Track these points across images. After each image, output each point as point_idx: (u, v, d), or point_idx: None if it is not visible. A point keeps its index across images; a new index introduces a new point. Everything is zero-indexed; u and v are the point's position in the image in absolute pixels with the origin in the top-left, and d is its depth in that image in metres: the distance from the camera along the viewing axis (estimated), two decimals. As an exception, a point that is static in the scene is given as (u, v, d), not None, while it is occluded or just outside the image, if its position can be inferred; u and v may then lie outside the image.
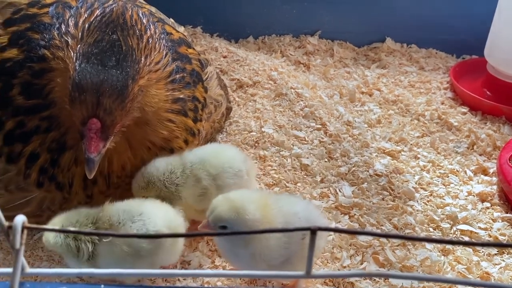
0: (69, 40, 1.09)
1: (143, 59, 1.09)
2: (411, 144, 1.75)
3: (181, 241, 1.18)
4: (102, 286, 0.76)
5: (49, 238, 1.07)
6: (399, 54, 2.30)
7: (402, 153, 1.71)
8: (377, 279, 1.28)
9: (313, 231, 0.65)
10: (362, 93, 2.07)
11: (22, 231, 0.70)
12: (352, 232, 0.72)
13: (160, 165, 1.24)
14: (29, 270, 0.76)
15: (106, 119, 1.03)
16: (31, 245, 1.33)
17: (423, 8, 2.22)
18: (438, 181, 1.60)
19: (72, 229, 0.70)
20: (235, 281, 1.27)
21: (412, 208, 1.48)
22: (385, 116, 1.91)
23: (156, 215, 1.12)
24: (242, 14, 2.32)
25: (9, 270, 0.71)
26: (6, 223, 0.72)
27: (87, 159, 1.04)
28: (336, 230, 0.66)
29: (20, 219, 0.70)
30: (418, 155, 1.70)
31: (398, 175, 1.59)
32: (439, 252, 1.37)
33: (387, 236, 0.61)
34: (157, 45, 1.16)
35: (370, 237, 1.38)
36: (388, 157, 1.67)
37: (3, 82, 1.20)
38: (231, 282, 1.26)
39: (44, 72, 1.17)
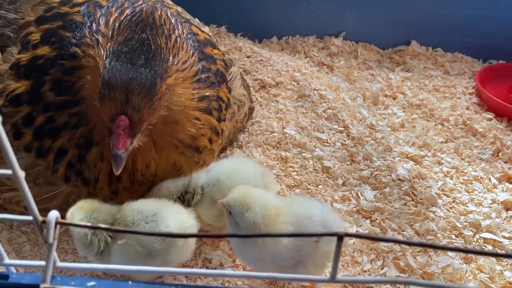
0: (100, 39, 1.11)
1: (171, 58, 1.10)
2: (435, 149, 1.73)
3: (192, 240, 1.19)
4: (130, 282, 0.78)
5: (74, 217, 1.11)
6: (424, 57, 2.27)
7: (426, 158, 1.69)
8: (398, 284, 1.27)
9: (340, 236, 0.66)
10: (386, 96, 2.05)
11: (55, 226, 0.73)
12: (377, 239, 0.72)
13: (171, 187, 1.27)
14: (59, 264, 0.78)
15: (134, 116, 1.04)
16: (59, 236, 1.35)
17: (450, 11, 2.20)
18: (462, 188, 1.58)
19: (102, 226, 0.71)
20: (255, 281, 1.28)
21: (434, 214, 1.47)
22: (408, 120, 1.89)
23: (169, 216, 1.13)
24: (267, 14, 2.33)
25: (42, 263, 0.73)
26: (40, 218, 0.74)
27: (114, 155, 1.06)
28: (362, 237, 0.66)
29: (54, 215, 0.72)
30: (442, 161, 1.68)
31: (421, 180, 1.58)
32: (461, 259, 1.35)
33: (409, 243, 0.61)
34: (184, 44, 1.18)
35: (391, 242, 1.38)
36: (411, 162, 1.65)
37: (35, 78, 1.22)
38: (251, 282, 1.27)
39: (74, 70, 1.19)
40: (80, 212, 1.12)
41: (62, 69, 1.20)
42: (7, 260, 0.78)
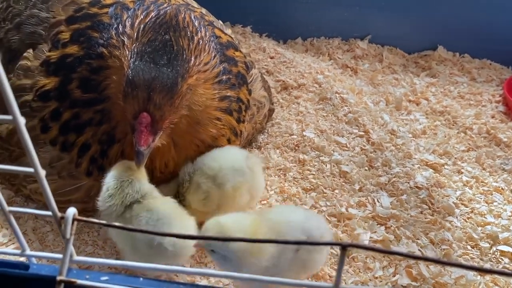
0: (125, 40, 1.15)
1: (193, 59, 1.14)
2: (456, 158, 1.71)
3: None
4: (141, 279, 0.82)
5: (112, 169, 1.18)
6: (451, 63, 2.24)
7: (445, 166, 1.67)
8: (408, 293, 1.28)
9: (344, 246, 0.68)
10: (409, 101, 2.03)
11: (73, 222, 0.77)
12: (380, 251, 0.73)
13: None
14: (76, 258, 0.82)
15: (156, 113, 1.08)
16: (78, 229, 1.41)
17: (479, 17, 2.15)
18: (481, 198, 1.56)
19: (116, 224, 0.75)
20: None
21: (450, 224, 1.46)
22: (431, 127, 1.88)
23: (173, 223, 1.14)
24: (292, 16, 2.33)
25: (59, 256, 0.77)
26: (59, 214, 0.78)
27: (137, 151, 1.10)
28: (364, 247, 0.68)
29: (72, 212, 0.76)
30: (462, 170, 1.67)
31: (439, 189, 1.56)
32: (476, 271, 1.34)
33: (418, 258, 0.62)
34: (206, 46, 1.21)
35: (404, 250, 1.37)
36: (431, 170, 1.64)
37: (63, 76, 1.28)
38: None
39: (101, 69, 1.24)
40: (119, 169, 1.19)
41: (89, 68, 1.25)
42: (28, 251, 0.83)
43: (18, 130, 0.66)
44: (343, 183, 1.59)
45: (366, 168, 1.65)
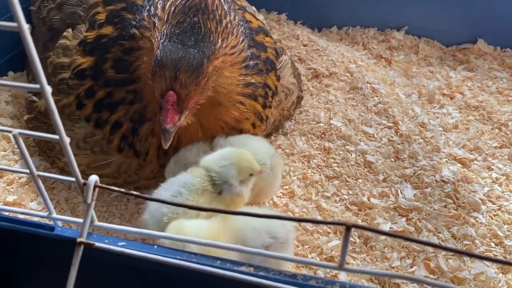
0: (156, 22, 1.20)
1: (220, 41, 1.17)
2: (486, 154, 1.67)
3: None
4: (155, 246, 0.86)
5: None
6: (491, 57, 2.16)
7: (475, 162, 1.64)
8: (424, 284, 1.27)
9: (348, 227, 0.69)
10: (443, 95, 1.99)
11: (94, 189, 0.82)
12: (383, 233, 0.74)
13: (192, 148, 1.31)
14: (96, 223, 0.88)
15: (182, 92, 1.12)
16: (108, 202, 1.48)
17: (524, 10, 2.08)
18: (510, 196, 1.52)
19: (134, 192, 0.79)
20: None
21: (475, 220, 1.43)
22: (463, 121, 1.83)
23: None
24: (328, 4, 2.32)
25: (80, 220, 0.83)
26: (82, 180, 0.84)
27: (163, 129, 1.14)
28: (368, 229, 0.69)
29: (93, 179, 0.82)
30: (492, 166, 1.62)
31: (466, 184, 1.53)
32: (498, 269, 1.32)
33: (428, 244, 0.63)
34: (235, 30, 1.23)
35: (398, 239, 1.36)
36: (459, 165, 1.61)
37: (98, 55, 1.34)
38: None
39: (133, 50, 1.29)
40: None
41: (122, 48, 1.31)
42: (54, 214, 0.89)
43: (44, 98, 0.70)
44: (367, 173, 1.58)
45: (392, 160, 1.63)
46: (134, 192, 0.81)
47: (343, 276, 1.26)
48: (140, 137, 1.35)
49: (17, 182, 1.49)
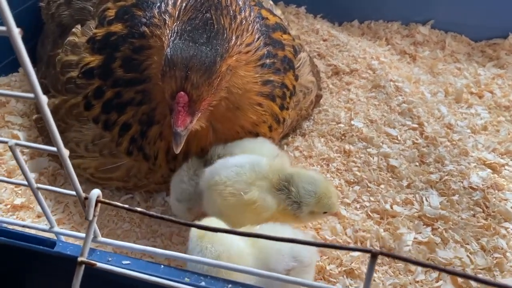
0: (167, 19, 1.13)
1: (234, 38, 1.09)
2: (519, 159, 1.56)
3: None
4: (162, 266, 0.80)
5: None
6: (523, 53, 2.04)
7: (506, 167, 1.53)
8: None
9: (374, 254, 0.62)
10: (471, 93, 1.88)
11: (96, 204, 0.76)
12: (413, 262, 0.67)
13: (183, 177, 1.25)
14: (100, 239, 0.82)
15: (193, 93, 1.04)
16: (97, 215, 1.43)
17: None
18: (545, 205, 1.42)
19: (138, 209, 0.73)
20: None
21: (506, 231, 1.34)
22: (493, 122, 1.72)
23: None
24: (351, -4, 2.22)
25: (82, 235, 0.77)
26: (83, 195, 0.78)
27: (174, 133, 1.07)
28: (396, 257, 0.61)
29: (95, 193, 0.75)
30: (525, 172, 1.52)
31: (496, 191, 1.43)
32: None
33: (455, 274, 0.56)
34: (250, 27, 1.16)
35: (451, 254, 1.28)
36: (488, 170, 1.51)
37: (107, 54, 1.28)
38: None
39: (143, 49, 1.22)
40: None
41: (131, 47, 1.24)
42: (55, 228, 0.84)
43: (40, 108, 0.64)
44: (390, 178, 1.49)
45: (417, 164, 1.54)
46: (139, 209, 0.75)
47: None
48: (149, 140, 1.29)
49: (25, 184, 1.45)
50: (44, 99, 0.64)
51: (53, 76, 1.42)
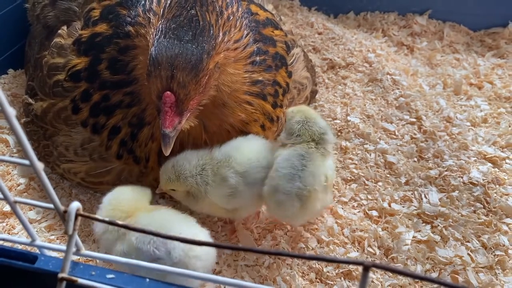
0: (151, 17, 1.09)
1: (221, 35, 1.05)
2: (520, 152, 1.52)
3: None
4: (147, 280, 0.77)
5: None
6: (523, 42, 1.99)
7: (507, 160, 1.49)
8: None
9: (366, 267, 0.59)
10: (471, 85, 1.84)
11: (76, 218, 0.72)
12: (403, 273, 0.64)
13: (192, 158, 1.19)
14: (83, 251, 0.78)
15: (180, 92, 1.01)
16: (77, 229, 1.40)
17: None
18: (547, 199, 1.38)
19: (120, 222, 0.70)
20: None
21: (508, 227, 1.30)
22: (493, 114, 1.68)
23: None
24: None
25: (63, 247, 0.74)
26: (62, 208, 0.74)
27: (163, 134, 1.04)
28: (389, 269, 0.58)
29: (74, 207, 0.72)
30: (527, 166, 1.48)
31: (497, 186, 1.40)
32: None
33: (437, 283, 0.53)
34: (238, 23, 1.12)
35: (451, 253, 1.25)
36: (489, 164, 1.47)
37: (93, 56, 1.24)
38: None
39: (128, 49, 1.18)
40: None
41: (117, 48, 1.21)
42: (38, 241, 0.81)
43: (8, 120, 0.61)
44: (388, 175, 1.46)
45: (415, 159, 1.50)
46: (120, 222, 0.71)
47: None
48: (140, 143, 1.25)
49: (15, 189, 1.42)
50: (39, 165, 0.64)
51: (40, 78, 1.38)
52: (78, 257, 1.10)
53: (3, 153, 1.52)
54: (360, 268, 1.23)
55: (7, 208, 1.35)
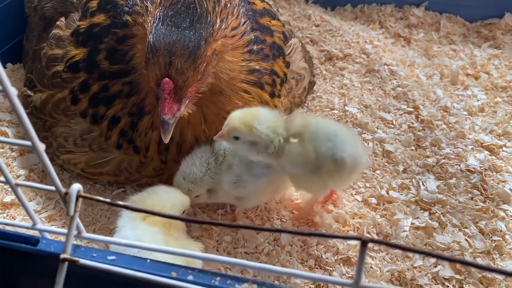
0: (149, 5, 1.10)
1: (218, 22, 1.06)
2: (516, 139, 1.53)
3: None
4: (148, 260, 0.78)
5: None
6: (519, 32, 2.00)
7: (504, 148, 1.50)
8: (449, 285, 1.17)
9: (364, 242, 0.60)
10: (467, 75, 1.85)
11: (77, 199, 0.73)
12: (405, 249, 0.65)
13: (195, 160, 1.22)
14: (84, 234, 0.79)
15: (178, 79, 1.02)
16: (114, 196, 1.41)
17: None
18: (544, 186, 1.39)
19: (120, 202, 0.71)
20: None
21: (505, 213, 1.31)
22: (490, 104, 1.69)
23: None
24: (344, -21, 2.17)
25: (64, 231, 0.75)
26: (63, 190, 0.75)
27: (162, 121, 1.05)
28: (387, 244, 0.59)
29: (75, 188, 0.73)
30: (523, 153, 1.49)
31: (494, 173, 1.41)
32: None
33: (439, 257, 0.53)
34: (235, 11, 1.13)
35: (449, 239, 1.26)
36: (486, 152, 1.48)
37: (91, 46, 1.25)
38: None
39: (126, 38, 1.19)
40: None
41: (115, 37, 1.21)
42: (39, 225, 0.81)
43: (9, 100, 0.62)
44: (386, 163, 1.47)
45: (413, 148, 1.51)
46: (121, 203, 0.72)
47: None
48: (140, 132, 1.26)
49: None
50: (41, 146, 0.65)
51: (39, 70, 1.39)
52: (80, 241, 1.11)
53: (2, 146, 1.53)
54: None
55: (7, 199, 1.36)
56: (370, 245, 1.27)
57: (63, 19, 1.36)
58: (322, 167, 1.11)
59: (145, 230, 1.07)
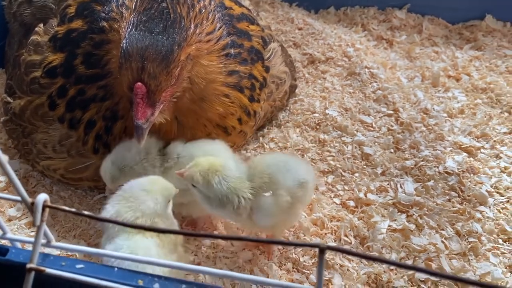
0: (124, 11, 1.10)
1: (192, 27, 1.07)
2: (494, 141, 1.55)
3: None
4: (116, 269, 0.78)
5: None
6: (500, 34, 2.02)
7: (482, 150, 1.52)
8: (425, 287, 1.18)
9: (322, 249, 0.61)
10: (449, 77, 1.86)
11: (43, 209, 0.74)
12: (360, 256, 0.66)
13: (130, 147, 1.19)
14: (54, 243, 0.80)
15: (151, 83, 1.02)
16: (91, 205, 1.41)
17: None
18: (520, 187, 1.41)
19: (86, 213, 0.71)
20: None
21: (481, 214, 1.33)
22: (470, 105, 1.71)
23: None
24: (325, -18, 2.18)
25: (31, 239, 0.75)
26: (29, 200, 0.76)
27: (135, 126, 1.05)
28: (345, 251, 0.60)
29: (41, 198, 0.73)
30: (501, 155, 1.51)
31: (471, 175, 1.43)
32: (506, 268, 1.22)
33: (399, 265, 0.54)
34: (210, 16, 1.13)
35: (425, 241, 1.27)
36: (464, 154, 1.50)
37: (68, 51, 1.25)
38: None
39: (103, 44, 1.20)
40: None
41: (92, 43, 1.22)
42: (9, 235, 0.82)
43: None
44: (364, 166, 1.48)
45: (392, 151, 1.53)
46: (86, 213, 0.73)
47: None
48: (114, 136, 1.26)
49: (-5, 187, 1.43)
50: (4, 158, 0.66)
51: (18, 77, 1.39)
52: (59, 251, 1.11)
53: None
54: (337, 259, 1.25)
55: (-14, 205, 1.36)
56: (348, 247, 1.29)
57: (41, 25, 1.36)
58: (293, 199, 1.12)
59: (140, 242, 1.00)
